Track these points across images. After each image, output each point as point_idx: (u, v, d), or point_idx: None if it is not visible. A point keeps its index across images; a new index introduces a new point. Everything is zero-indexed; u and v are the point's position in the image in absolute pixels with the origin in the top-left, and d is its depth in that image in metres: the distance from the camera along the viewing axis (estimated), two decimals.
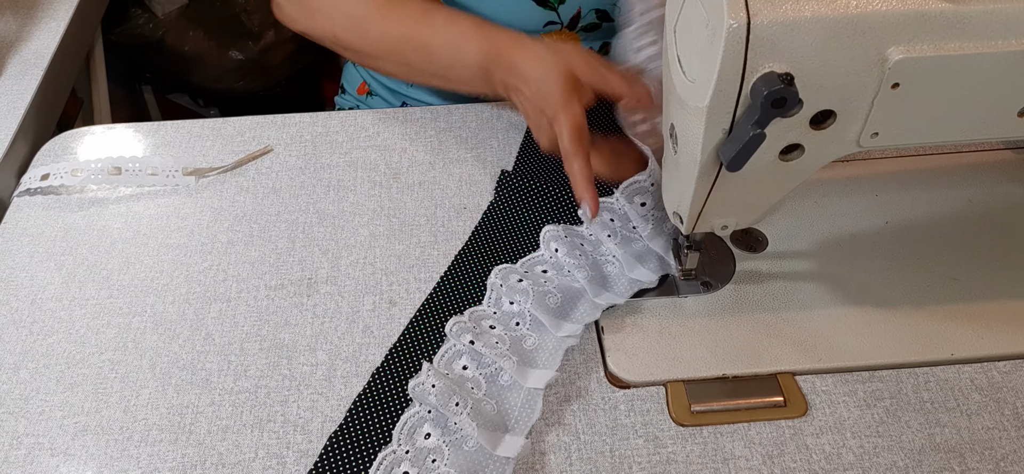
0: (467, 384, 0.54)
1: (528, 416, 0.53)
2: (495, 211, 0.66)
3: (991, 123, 0.48)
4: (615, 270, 0.61)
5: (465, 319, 0.57)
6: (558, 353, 0.56)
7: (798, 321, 0.58)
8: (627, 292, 0.59)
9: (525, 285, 0.59)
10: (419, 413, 0.53)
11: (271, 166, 0.71)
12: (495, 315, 0.59)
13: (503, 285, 0.59)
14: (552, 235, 0.62)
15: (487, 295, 0.60)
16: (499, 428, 0.52)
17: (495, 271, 0.60)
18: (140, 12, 1.25)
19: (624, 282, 0.60)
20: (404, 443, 0.52)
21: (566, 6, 0.78)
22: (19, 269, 0.63)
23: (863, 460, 0.52)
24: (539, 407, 0.53)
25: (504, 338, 0.57)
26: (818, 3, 0.42)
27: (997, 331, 0.57)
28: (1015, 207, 0.66)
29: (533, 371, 0.55)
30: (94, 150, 0.73)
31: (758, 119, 0.43)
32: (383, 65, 0.74)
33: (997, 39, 0.43)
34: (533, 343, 0.57)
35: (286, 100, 1.37)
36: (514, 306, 0.59)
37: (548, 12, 0.78)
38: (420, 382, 0.53)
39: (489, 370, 0.55)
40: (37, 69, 0.79)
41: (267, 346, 0.58)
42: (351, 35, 0.73)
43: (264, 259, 0.64)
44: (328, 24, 0.73)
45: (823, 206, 0.66)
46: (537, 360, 0.56)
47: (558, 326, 0.57)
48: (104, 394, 0.55)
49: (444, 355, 0.56)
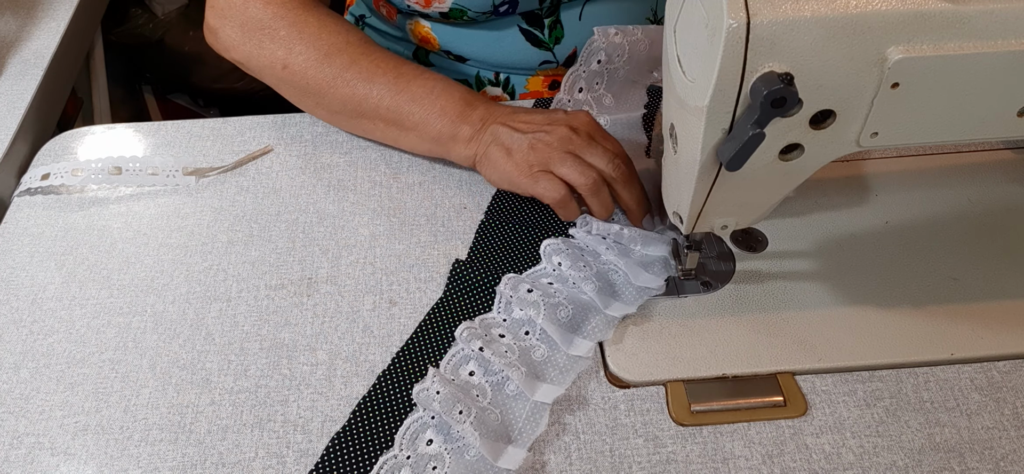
0: (472, 391, 0.54)
1: (532, 429, 0.53)
2: (489, 225, 0.66)
3: (991, 123, 0.48)
4: (621, 279, 0.61)
5: (475, 325, 0.57)
6: (570, 373, 0.55)
7: (798, 321, 0.58)
8: (637, 300, 0.59)
9: (535, 296, 0.58)
10: (422, 419, 0.53)
11: (271, 166, 0.71)
12: (505, 323, 0.58)
13: (513, 295, 0.58)
14: (553, 249, 0.61)
15: (496, 303, 0.59)
16: (502, 439, 0.52)
17: (505, 280, 0.60)
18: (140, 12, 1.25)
19: (632, 290, 0.60)
20: (406, 448, 0.52)
21: (561, 46, 0.78)
22: (19, 269, 0.63)
23: (863, 460, 0.52)
24: (545, 421, 0.53)
25: (513, 347, 0.56)
26: (818, 3, 0.42)
27: (997, 331, 0.57)
28: (1015, 207, 0.66)
29: (542, 385, 0.54)
30: (94, 150, 0.73)
31: (758, 119, 0.43)
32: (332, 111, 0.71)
33: (997, 39, 0.43)
34: (542, 355, 0.56)
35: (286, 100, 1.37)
36: (524, 314, 0.58)
37: (543, 52, 0.78)
38: (425, 387, 0.53)
39: (496, 378, 0.55)
40: (37, 69, 0.79)
41: (267, 346, 0.58)
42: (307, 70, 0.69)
43: (264, 259, 0.64)
44: (283, 54, 0.68)
45: (823, 206, 0.66)
46: (546, 374, 0.55)
47: (569, 341, 0.56)
48: (104, 394, 0.55)
49: (451, 359, 0.56)
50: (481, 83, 0.82)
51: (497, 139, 0.64)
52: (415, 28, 0.79)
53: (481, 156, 0.65)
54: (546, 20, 0.76)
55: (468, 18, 0.74)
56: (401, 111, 0.66)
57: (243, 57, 0.71)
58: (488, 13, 0.73)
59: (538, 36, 0.77)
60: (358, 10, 0.87)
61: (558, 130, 0.63)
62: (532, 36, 0.77)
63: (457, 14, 0.73)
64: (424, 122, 0.66)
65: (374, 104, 0.67)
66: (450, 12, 0.73)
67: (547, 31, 0.77)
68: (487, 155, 0.65)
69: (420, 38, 0.80)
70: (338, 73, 0.67)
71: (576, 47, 0.78)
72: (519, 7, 0.74)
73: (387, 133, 0.69)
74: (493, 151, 0.64)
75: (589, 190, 0.62)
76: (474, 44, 0.78)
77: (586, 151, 0.63)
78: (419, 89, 0.66)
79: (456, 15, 0.74)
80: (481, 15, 0.73)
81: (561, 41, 0.77)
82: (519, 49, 0.78)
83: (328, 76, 0.67)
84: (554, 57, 0.78)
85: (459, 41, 0.78)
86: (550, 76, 0.80)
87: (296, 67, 0.68)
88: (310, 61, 0.68)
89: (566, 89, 0.75)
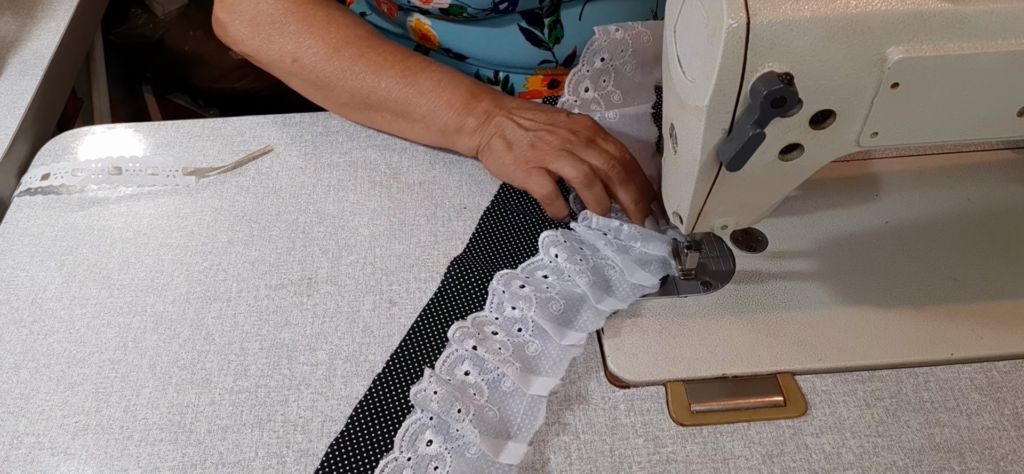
0: (469, 390, 0.54)
1: (531, 423, 0.53)
2: (494, 213, 0.66)
3: (991, 123, 0.48)
4: (617, 275, 0.61)
5: (468, 324, 0.57)
6: (563, 362, 0.56)
7: (798, 321, 0.58)
8: (630, 297, 0.59)
9: (528, 291, 0.58)
10: (421, 420, 0.53)
11: (271, 166, 0.71)
12: (497, 321, 0.58)
13: (505, 291, 0.59)
14: (551, 240, 0.62)
15: (489, 300, 0.59)
16: (501, 435, 0.52)
17: (497, 277, 0.60)
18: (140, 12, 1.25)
19: (626, 287, 0.60)
20: (406, 450, 0.52)
21: (561, 46, 0.78)
22: (19, 269, 0.63)
23: (863, 460, 0.52)
24: (542, 414, 0.53)
25: (507, 344, 0.56)
26: (818, 3, 0.42)
27: (997, 331, 0.57)
28: (1015, 207, 0.66)
29: (537, 378, 0.55)
30: (94, 150, 0.73)
31: (758, 119, 0.43)
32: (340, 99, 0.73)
33: (997, 39, 0.43)
34: (536, 349, 0.56)
35: (286, 100, 1.37)
36: (516, 312, 0.58)
37: (543, 51, 0.78)
38: (422, 388, 0.53)
39: (491, 376, 0.55)
40: (37, 69, 0.79)
41: (267, 346, 0.58)
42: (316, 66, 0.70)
43: (264, 259, 0.64)
44: (292, 48, 0.70)
45: (823, 206, 0.66)
46: (541, 367, 0.56)
47: (562, 333, 0.57)
48: (104, 394, 0.55)
49: (446, 360, 0.56)
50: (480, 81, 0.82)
51: (501, 131, 0.66)
52: (415, 25, 0.79)
53: (484, 147, 0.67)
54: (546, 19, 0.76)
55: (468, 15, 0.74)
56: (408, 103, 0.68)
57: (253, 51, 0.72)
58: (488, 10, 0.73)
59: (538, 35, 0.77)
60: (359, 7, 0.87)
61: (559, 131, 0.65)
62: (532, 35, 0.77)
63: (457, 10, 0.73)
64: (431, 114, 0.68)
65: (382, 96, 0.68)
66: (450, 8, 0.73)
67: (547, 30, 0.77)
68: (490, 146, 0.66)
69: (420, 35, 0.80)
70: (347, 66, 0.69)
71: (575, 47, 0.78)
72: (519, 5, 0.74)
73: (394, 124, 0.71)
74: (495, 143, 0.66)
75: (581, 183, 0.63)
76: (473, 42, 0.78)
77: (583, 150, 0.64)
78: (426, 81, 0.68)
79: (456, 11, 0.74)
80: (481, 12, 0.73)
81: (561, 41, 0.78)
82: (518, 48, 0.78)
83: (337, 69, 0.69)
84: (553, 56, 0.78)
85: (459, 39, 0.78)
86: (549, 75, 0.80)
87: (306, 61, 0.69)
88: (319, 55, 0.69)
89: (571, 89, 0.76)
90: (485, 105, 0.67)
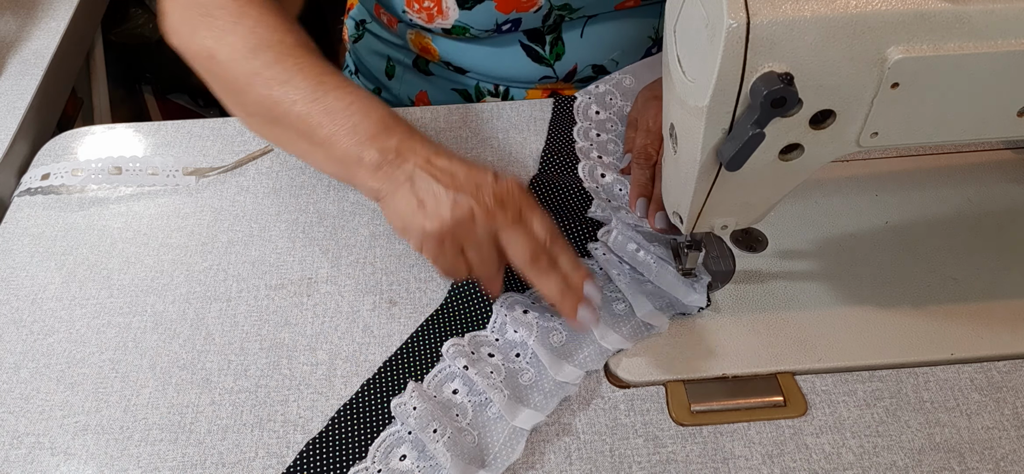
0: (453, 410, 0.53)
1: (507, 455, 0.51)
2: None
3: (991, 123, 0.48)
4: (624, 309, 0.59)
5: (463, 342, 0.56)
6: (554, 397, 0.54)
7: (798, 321, 0.58)
8: (635, 336, 0.57)
9: (530, 318, 0.57)
10: (398, 433, 0.52)
11: (271, 166, 0.71)
12: (497, 343, 0.57)
13: (508, 314, 0.57)
14: None
15: (491, 321, 0.58)
16: (475, 461, 0.51)
17: (502, 297, 0.58)
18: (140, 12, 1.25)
19: (633, 324, 0.58)
20: (378, 461, 0.51)
21: (562, 62, 0.78)
22: (19, 269, 0.63)
23: (863, 460, 0.52)
24: (520, 448, 0.51)
25: (500, 368, 0.55)
26: (818, 3, 0.42)
27: (997, 331, 0.57)
28: (1015, 207, 0.66)
29: (523, 410, 0.53)
30: (94, 150, 0.73)
31: (758, 119, 0.43)
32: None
33: (997, 39, 0.43)
34: (529, 379, 0.55)
35: None
36: (517, 336, 0.57)
37: (544, 68, 0.78)
38: (403, 401, 0.53)
39: (479, 399, 0.54)
40: (37, 69, 0.79)
41: (267, 346, 0.58)
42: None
43: (264, 259, 0.64)
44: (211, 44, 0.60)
45: (823, 206, 0.66)
46: (530, 399, 0.54)
47: (558, 367, 0.55)
48: (104, 393, 0.55)
49: (436, 376, 0.55)
50: (480, 94, 0.82)
51: (413, 183, 0.54)
52: (416, 38, 0.79)
53: (387, 194, 0.56)
54: (548, 37, 0.76)
55: (471, 35, 0.74)
56: (312, 122, 0.57)
57: (178, 43, 0.62)
58: (491, 31, 0.73)
59: (539, 52, 0.77)
60: (359, 15, 0.87)
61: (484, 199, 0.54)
62: (533, 52, 0.77)
63: (460, 31, 0.73)
64: (331, 139, 0.56)
65: (286, 109, 0.58)
66: (453, 29, 0.73)
67: (548, 47, 0.77)
68: (394, 196, 0.55)
69: (420, 47, 0.80)
70: (259, 70, 0.58)
71: (576, 63, 0.78)
72: (522, 25, 0.74)
73: (298, 146, 0.60)
74: (402, 194, 0.55)
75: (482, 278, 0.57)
76: (475, 57, 0.78)
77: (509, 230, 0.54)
78: (335, 101, 0.57)
79: (459, 32, 0.74)
80: (484, 33, 0.73)
81: (562, 58, 0.77)
82: (520, 64, 0.78)
83: (248, 73, 0.59)
84: (554, 72, 0.78)
85: (460, 54, 0.78)
86: (549, 89, 0.80)
87: (221, 58, 0.60)
88: (235, 54, 0.59)
89: (581, 117, 0.73)
90: (395, 143, 0.56)
